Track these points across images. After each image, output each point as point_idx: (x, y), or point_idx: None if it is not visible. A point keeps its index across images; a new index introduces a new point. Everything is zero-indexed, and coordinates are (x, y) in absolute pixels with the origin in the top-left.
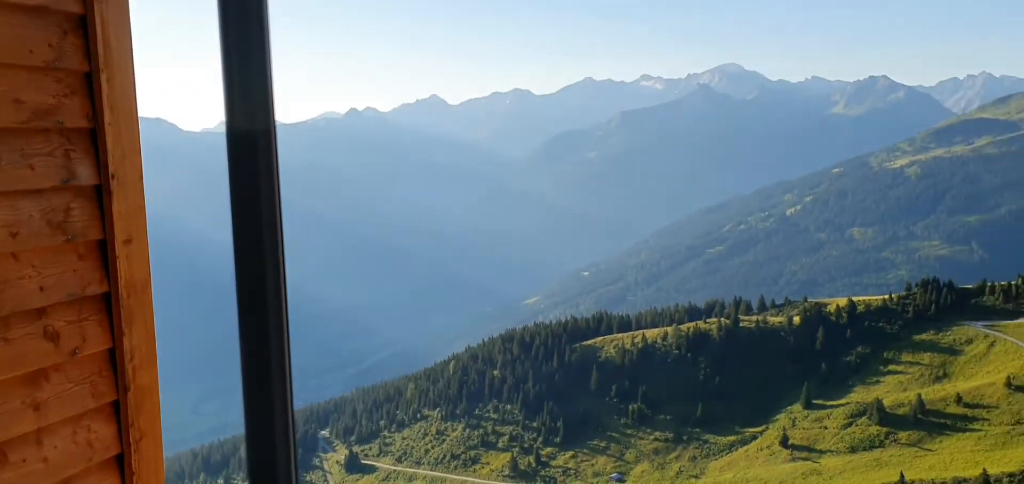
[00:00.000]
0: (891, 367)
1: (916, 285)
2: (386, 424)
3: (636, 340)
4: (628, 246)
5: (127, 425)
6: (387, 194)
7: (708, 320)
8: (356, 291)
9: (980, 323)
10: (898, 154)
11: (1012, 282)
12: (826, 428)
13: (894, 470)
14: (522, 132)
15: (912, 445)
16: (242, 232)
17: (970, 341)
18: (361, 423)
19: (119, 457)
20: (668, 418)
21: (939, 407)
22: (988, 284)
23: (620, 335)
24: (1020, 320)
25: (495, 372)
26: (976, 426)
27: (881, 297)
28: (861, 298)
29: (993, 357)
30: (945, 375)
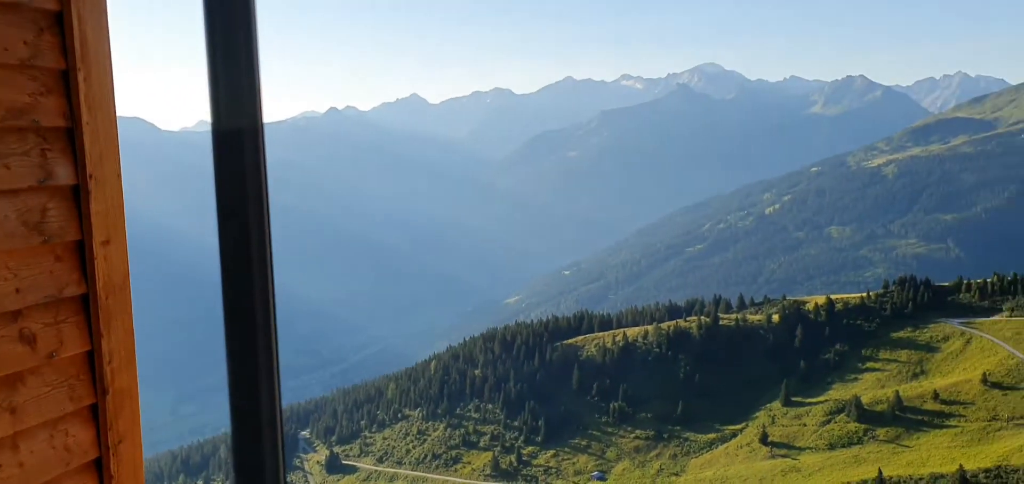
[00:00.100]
0: (869, 364)
1: (893, 283)
2: (367, 424)
3: (617, 339)
4: (609, 245)
5: (106, 429)
6: (367, 193)
7: (688, 318)
8: (336, 290)
9: (956, 320)
10: (875, 153)
11: (988, 280)
12: (805, 425)
13: (872, 467)
14: (503, 131)
15: (890, 442)
16: (229, 233)
17: (947, 338)
18: (342, 423)
19: (97, 461)
20: (649, 416)
21: (916, 404)
22: (964, 282)
23: (601, 334)
24: (996, 317)
25: (476, 371)
26: (953, 422)
27: (859, 295)
28: (839, 296)
29: (969, 354)
30: (922, 372)
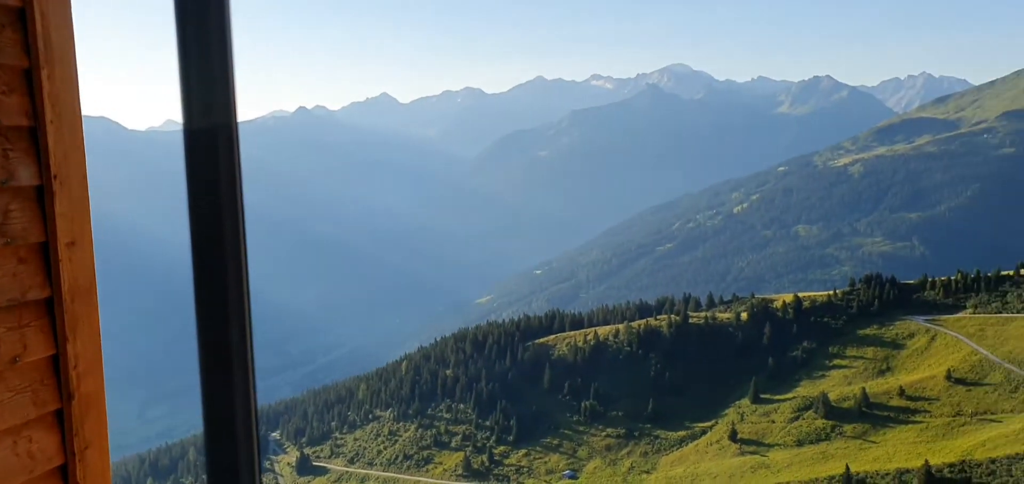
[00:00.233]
0: (836, 361)
1: (860, 281)
2: (338, 425)
3: (588, 338)
4: (580, 244)
5: (71, 435)
6: (337, 193)
7: (658, 317)
8: (306, 291)
9: (921, 317)
10: (841, 153)
11: (952, 277)
12: (774, 422)
13: (840, 463)
14: (473, 131)
15: (857, 438)
16: (202, 233)
17: (912, 335)
18: (312, 425)
19: (62, 468)
20: (620, 414)
21: (883, 400)
22: (929, 279)
23: (572, 333)
24: (960, 314)
25: (448, 371)
26: (918, 418)
27: (826, 293)
28: (807, 294)
29: (934, 351)
30: (888, 369)
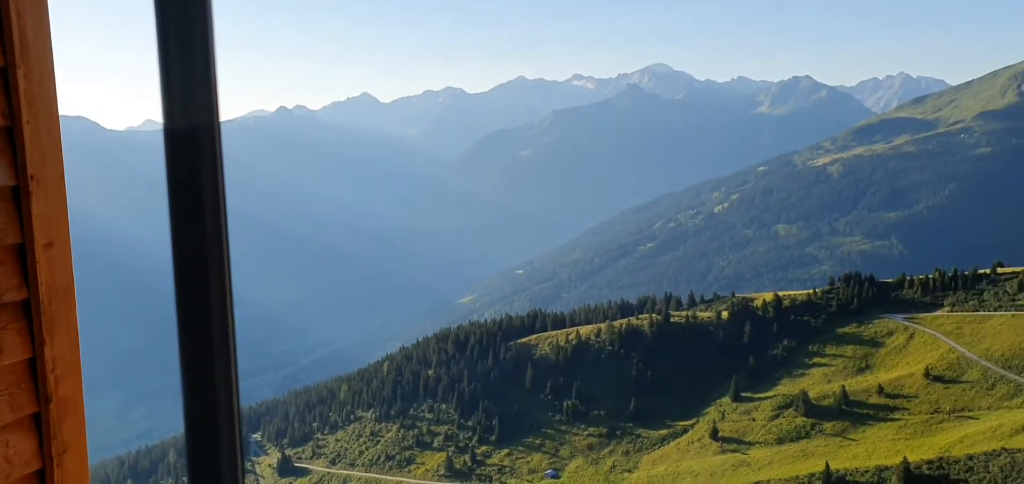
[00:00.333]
0: (816, 360)
1: (839, 280)
2: (319, 426)
3: (570, 337)
4: (561, 244)
5: (49, 438)
6: (318, 193)
7: (640, 316)
8: (288, 292)
9: (900, 316)
10: (821, 152)
11: (930, 276)
12: (754, 420)
13: (820, 460)
14: (455, 131)
15: (837, 435)
16: (183, 235)
17: (891, 333)
18: (293, 426)
19: (40, 472)
20: (602, 414)
21: (862, 398)
22: (907, 278)
23: (554, 332)
24: (937, 312)
25: (430, 372)
26: (897, 415)
27: (806, 292)
28: (786, 293)
29: (912, 349)
30: (867, 367)
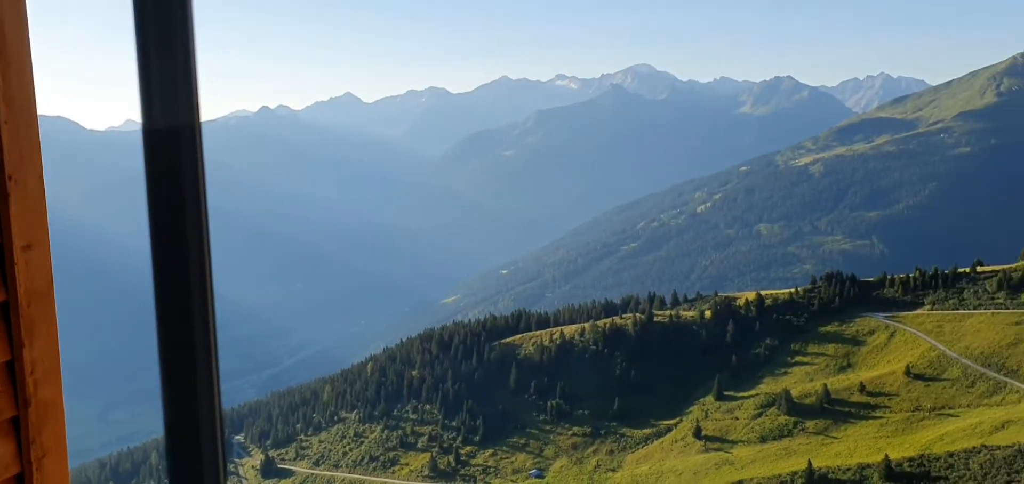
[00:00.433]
0: (798, 358)
1: (821, 279)
2: (303, 427)
3: (554, 337)
4: (545, 244)
5: (28, 443)
6: (301, 193)
7: (624, 316)
8: (270, 293)
9: (881, 314)
10: (802, 152)
11: (910, 275)
12: (737, 419)
13: (802, 458)
14: (438, 130)
15: (819, 433)
16: (163, 238)
17: (872, 332)
18: (277, 427)
19: (19, 477)
20: (586, 413)
21: (844, 396)
22: (888, 277)
23: (538, 332)
24: (918, 311)
25: (414, 372)
26: (878, 413)
27: (788, 291)
28: (769, 292)
29: (893, 347)
30: (849, 365)
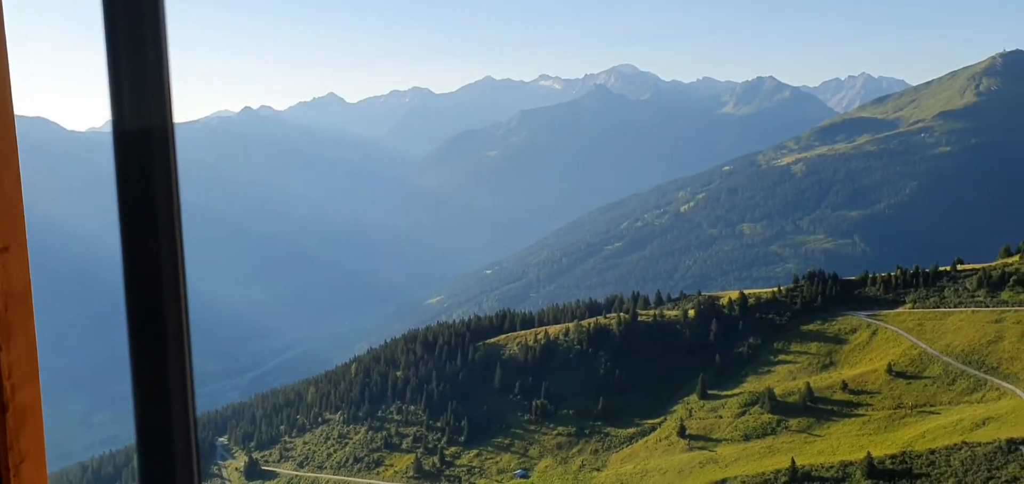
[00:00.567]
0: (781, 357)
1: (803, 278)
2: (286, 429)
3: (539, 337)
4: (529, 244)
5: (5, 448)
6: (284, 194)
7: (608, 315)
8: (254, 295)
9: (863, 313)
10: (784, 152)
11: (892, 273)
12: (721, 417)
13: (785, 456)
14: (422, 131)
15: (802, 432)
16: (134, 240)
17: (854, 330)
18: (260, 429)
19: None
20: (570, 413)
21: (826, 394)
22: (870, 276)
23: (523, 332)
24: (899, 309)
25: (398, 373)
26: (861, 411)
27: (771, 290)
28: (752, 291)
29: (875, 345)
30: (831, 363)
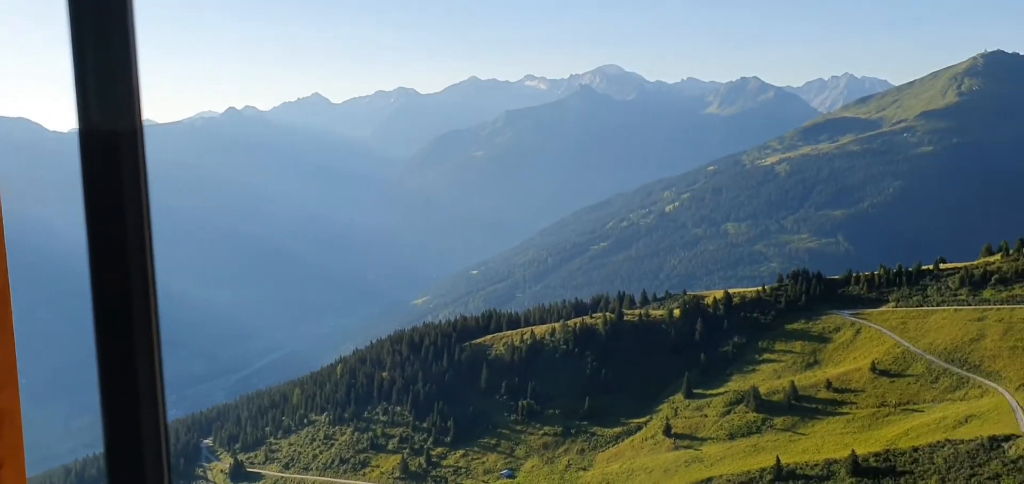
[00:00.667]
0: (766, 355)
1: (787, 277)
2: (272, 430)
3: (525, 337)
4: (515, 244)
5: None
6: (269, 194)
7: (594, 315)
8: (239, 296)
9: (847, 312)
10: (768, 152)
11: (875, 272)
12: (706, 416)
13: (771, 455)
14: (407, 131)
15: (787, 430)
16: (101, 244)
17: (838, 329)
18: (246, 430)
19: None
20: (557, 413)
21: (811, 393)
22: (853, 275)
23: (509, 333)
24: (883, 308)
25: (384, 374)
26: (845, 409)
27: (755, 289)
28: (736, 290)
29: (859, 344)
30: (816, 362)
